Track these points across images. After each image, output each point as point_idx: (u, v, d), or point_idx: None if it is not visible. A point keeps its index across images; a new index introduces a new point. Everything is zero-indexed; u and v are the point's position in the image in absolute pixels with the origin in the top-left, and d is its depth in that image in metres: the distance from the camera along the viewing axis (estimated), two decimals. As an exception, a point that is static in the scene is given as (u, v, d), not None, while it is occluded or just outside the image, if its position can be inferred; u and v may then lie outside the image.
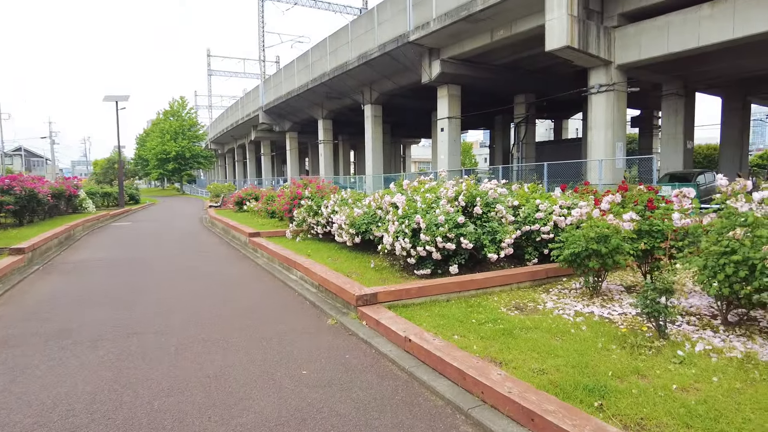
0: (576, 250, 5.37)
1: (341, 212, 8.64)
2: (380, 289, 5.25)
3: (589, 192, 9.02)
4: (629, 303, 5.32)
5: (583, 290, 5.92)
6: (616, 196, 6.01)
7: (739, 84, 26.83)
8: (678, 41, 17.35)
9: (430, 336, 4.11)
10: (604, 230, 5.21)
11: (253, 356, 4.26)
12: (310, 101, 35.13)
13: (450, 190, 7.07)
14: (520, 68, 24.98)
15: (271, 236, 11.13)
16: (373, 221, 8.03)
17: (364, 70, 26.65)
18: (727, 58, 20.39)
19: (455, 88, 24.74)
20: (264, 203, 15.66)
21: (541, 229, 6.72)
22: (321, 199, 10.38)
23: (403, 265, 7.07)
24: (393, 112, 33.64)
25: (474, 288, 5.75)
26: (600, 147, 20.09)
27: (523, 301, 5.55)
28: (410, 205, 7.06)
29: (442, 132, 25.37)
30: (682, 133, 24.38)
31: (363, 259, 7.87)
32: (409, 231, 6.50)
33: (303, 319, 5.42)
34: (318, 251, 8.81)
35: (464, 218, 6.24)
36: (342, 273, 6.65)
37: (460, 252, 6.34)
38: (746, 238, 4.10)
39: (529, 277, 6.22)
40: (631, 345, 3.99)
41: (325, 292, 6.14)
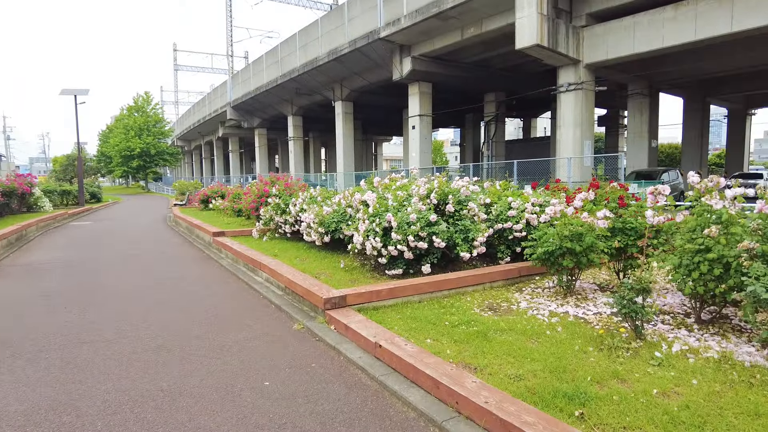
0: (550, 249, 5.25)
1: (310, 210, 8.35)
2: (349, 292, 5.00)
3: (560, 189, 8.99)
4: (603, 302, 5.23)
5: (556, 289, 5.81)
6: (589, 194, 5.93)
7: (699, 85, 27.63)
8: (643, 42, 17.66)
9: (402, 341, 3.89)
10: (578, 228, 5.10)
11: (211, 366, 3.95)
12: (279, 97, 34.52)
13: (422, 188, 6.88)
14: (491, 66, 25.08)
15: (237, 236, 10.74)
16: (343, 220, 7.77)
17: (334, 66, 26.29)
18: (688, 59, 20.90)
19: (426, 85, 24.65)
20: (230, 201, 15.19)
21: (513, 227, 6.60)
22: (289, 197, 10.05)
23: (374, 265, 6.85)
24: (364, 109, 33.37)
25: (447, 288, 5.57)
26: (569, 145, 20.32)
27: (496, 301, 5.40)
28: (381, 203, 6.83)
29: (414, 129, 25.24)
30: (647, 132, 24.93)
31: (332, 259, 7.61)
32: (380, 230, 6.27)
33: (267, 324, 5.13)
34: (285, 251, 8.50)
35: (436, 216, 6.06)
36: (310, 274, 6.38)
37: (433, 251, 6.15)
38: (721, 236, 4.04)
39: (502, 276, 6.09)
40: (608, 347, 3.87)
41: (291, 295, 5.85)
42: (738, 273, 3.93)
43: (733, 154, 34.43)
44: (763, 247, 3.81)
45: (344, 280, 6.16)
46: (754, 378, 3.31)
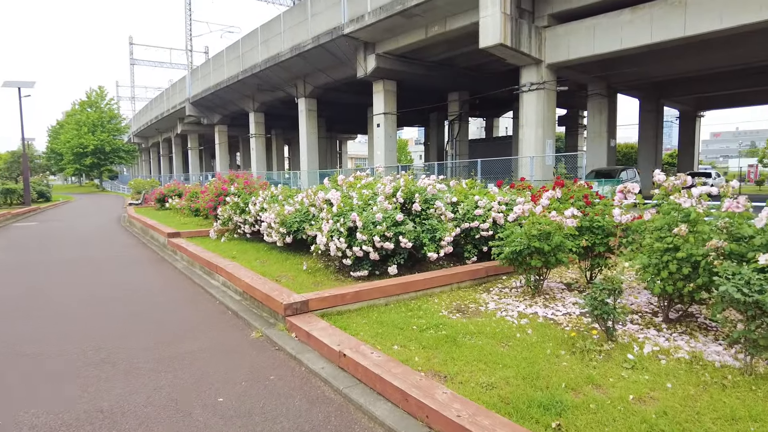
0: (518, 248, 5.12)
1: (270, 210, 8.01)
2: (312, 296, 4.73)
3: (525, 188, 8.96)
4: (572, 302, 5.16)
5: (524, 289, 5.72)
6: (555, 192, 5.85)
7: (654, 87, 28.54)
8: (603, 43, 18.02)
9: (368, 349, 3.66)
10: (546, 227, 5.00)
11: (159, 381, 3.62)
12: (240, 93, 33.66)
13: (388, 186, 6.67)
14: (455, 65, 25.14)
15: (193, 236, 10.26)
16: (305, 219, 7.47)
17: (297, 63, 25.79)
18: (645, 61, 21.49)
19: (391, 83, 24.50)
20: (187, 200, 14.59)
21: (480, 226, 6.47)
22: (249, 196, 9.65)
23: (339, 267, 6.59)
24: (328, 106, 32.94)
25: (414, 290, 5.38)
26: (531, 144, 20.56)
27: (464, 302, 5.25)
28: (346, 202, 6.58)
29: (378, 128, 25.05)
30: (606, 132, 25.55)
31: (295, 261, 7.30)
32: (345, 230, 6.02)
33: (223, 332, 4.80)
34: (245, 253, 8.12)
35: (403, 216, 5.86)
36: (270, 277, 6.07)
37: (399, 251, 5.95)
38: (690, 235, 3.99)
39: (470, 276, 5.95)
40: (580, 350, 3.75)
41: (250, 300, 5.53)
42: (706, 272, 3.89)
43: (684, 153, 35.80)
44: (731, 245, 3.78)
45: (307, 283, 5.88)
46: (726, 379, 3.25)
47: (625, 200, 4.60)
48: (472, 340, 4.02)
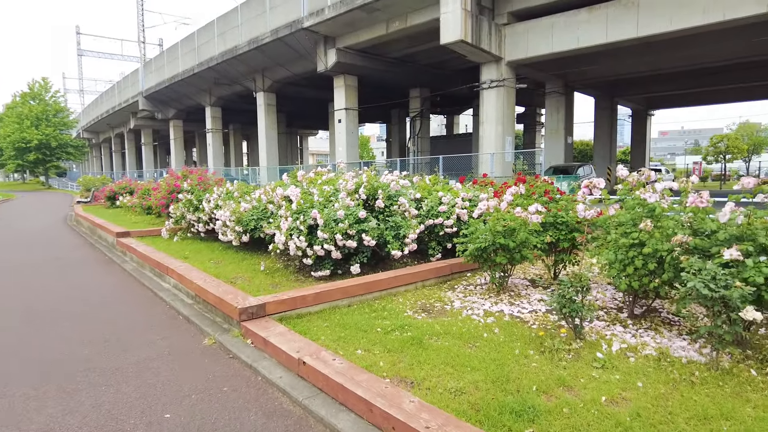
0: (482, 245, 5.01)
1: (226, 207, 7.63)
2: (269, 299, 4.46)
3: (487, 184, 8.92)
4: (537, 299, 5.09)
5: (489, 286, 5.62)
6: (519, 188, 5.77)
7: (609, 86, 29.37)
8: (561, 42, 18.33)
9: (329, 355, 3.44)
10: (511, 224, 4.90)
11: (100, 397, 3.28)
12: (196, 87, 32.57)
13: (350, 182, 6.44)
14: (416, 62, 25.07)
15: (144, 236, 9.72)
16: (263, 217, 7.15)
17: (255, 56, 25.12)
18: (601, 61, 22.02)
19: (352, 78, 24.21)
20: (139, 198, 13.90)
21: (444, 222, 6.34)
22: (203, 193, 9.21)
23: (299, 267, 6.32)
24: (288, 101, 32.30)
25: (378, 290, 5.18)
26: (491, 141, 20.74)
27: (429, 301, 5.09)
28: (306, 198, 6.31)
29: (340, 123, 24.73)
30: (564, 129, 26.09)
31: (252, 261, 6.97)
32: (305, 228, 5.76)
33: (173, 339, 4.46)
34: (198, 252, 7.72)
35: (366, 213, 5.65)
36: (224, 279, 5.74)
37: (363, 250, 5.74)
38: (656, 230, 3.95)
39: (434, 274, 5.80)
40: (549, 349, 3.65)
41: (202, 304, 5.19)
42: (672, 267, 3.87)
43: (636, 150, 37.10)
44: (695, 240, 3.76)
45: (264, 284, 5.59)
46: (694, 376, 3.21)
47: (591, 195, 4.54)
48: (439, 342, 3.86)
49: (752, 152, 46.38)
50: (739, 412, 2.74)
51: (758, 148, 47.48)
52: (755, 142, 46.64)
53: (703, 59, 22.45)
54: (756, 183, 3.66)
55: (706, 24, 15.34)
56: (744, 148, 43.04)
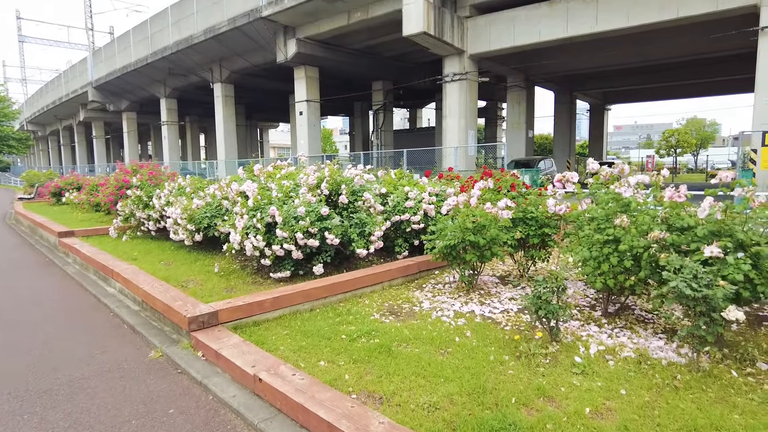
0: (451, 243, 4.76)
1: (177, 204, 7.12)
2: (223, 306, 4.07)
3: (453, 178, 8.72)
4: (508, 297, 4.90)
5: (458, 285, 5.39)
6: (488, 182, 5.56)
7: (568, 80, 29.87)
8: (522, 35, 18.39)
9: (289, 369, 3.11)
10: (481, 220, 4.67)
11: (20, 426, 2.84)
12: (150, 78, 31.15)
13: (311, 177, 6.07)
14: (378, 54, 24.72)
15: (90, 235, 9.04)
16: (217, 214, 6.71)
17: (212, 46, 24.16)
18: (560, 55, 22.27)
19: (313, 70, 23.64)
20: (87, 194, 13.04)
21: (411, 218, 6.07)
22: (153, 188, 8.63)
23: (257, 268, 5.93)
24: (248, 92, 31.35)
25: (342, 291, 4.86)
26: (454, 134, 20.68)
27: (396, 302, 4.82)
28: (263, 194, 5.91)
29: (301, 116, 24.14)
30: (525, 123, 26.33)
31: (205, 262, 6.51)
32: (263, 226, 5.37)
33: (116, 353, 4.02)
34: (148, 253, 7.18)
35: (329, 209, 5.31)
36: (174, 283, 5.29)
37: (326, 249, 5.40)
38: (632, 226, 3.80)
39: (402, 273, 5.53)
40: (525, 354, 3.44)
41: (150, 311, 4.74)
42: (649, 264, 3.73)
43: (594, 144, 38.00)
44: (672, 236, 3.62)
45: (218, 288, 5.17)
46: (677, 380, 3.05)
47: (563, 190, 4.36)
48: (409, 349, 3.59)
49: (699, 146, 48.40)
50: (728, 419, 2.59)
51: (705, 143, 49.59)
52: (702, 137, 48.68)
53: (657, 56, 23.05)
54: (733, 177, 3.55)
55: (662, 21, 15.68)
56: (693, 143, 44.81)
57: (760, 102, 14.80)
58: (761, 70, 14.56)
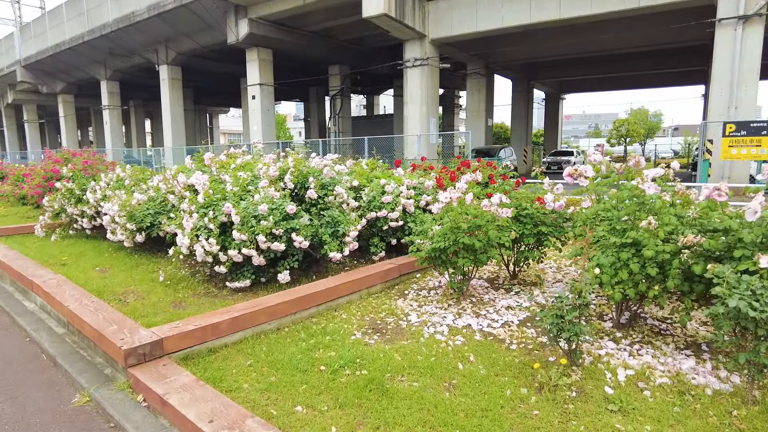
0: (442, 245, 4.12)
1: (115, 199, 6.13)
2: (169, 331, 3.25)
3: (425, 168, 8.11)
4: (504, 306, 4.32)
5: (445, 291, 4.78)
6: (476, 175, 4.93)
7: (527, 69, 29.82)
8: (485, 20, 17.97)
9: (258, 425, 2.37)
10: (476, 219, 4.05)
11: None
12: (88, 58, 28.76)
13: (272, 168, 5.27)
14: (335, 37, 23.69)
15: (12, 234, 7.83)
16: (162, 211, 5.79)
17: (157, 24, 22.42)
18: (521, 42, 21.97)
19: (266, 52, 22.38)
20: (11, 185, 11.58)
21: (389, 215, 5.39)
22: (88, 180, 7.53)
23: (210, 274, 5.09)
24: (196, 75, 29.55)
25: (315, 304, 4.14)
26: (416, 122, 20.11)
27: (379, 314, 4.15)
28: (216, 188, 5.07)
29: (254, 100, 22.88)
30: (485, 111, 26.07)
31: (149, 267, 5.59)
32: (216, 227, 4.55)
33: (26, 398, 3.14)
34: (81, 257, 6.16)
35: (295, 206, 4.54)
36: (110, 296, 4.39)
37: (293, 252, 4.64)
38: (660, 229, 3.26)
39: (381, 279, 4.85)
40: (546, 386, 2.84)
41: (78, 335, 3.84)
42: (680, 274, 3.21)
43: (549, 134, 38.45)
44: (710, 242, 3.11)
45: (164, 302, 4.32)
46: (734, 417, 2.54)
47: (578, 183, 3.78)
48: (405, 383, 2.93)
49: (646, 136, 50.08)
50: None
51: (651, 133, 51.36)
52: (649, 127, 50.36)
53: (615, 46, 23.19)
54: None
55: (624, 9, 15.58)
56: (641, 132, 46.23)
57: (716, 93, 14.95)
58: (717, 62, 14.67)
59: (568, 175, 3.71)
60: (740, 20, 14.28)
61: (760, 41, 14.19)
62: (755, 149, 12.34)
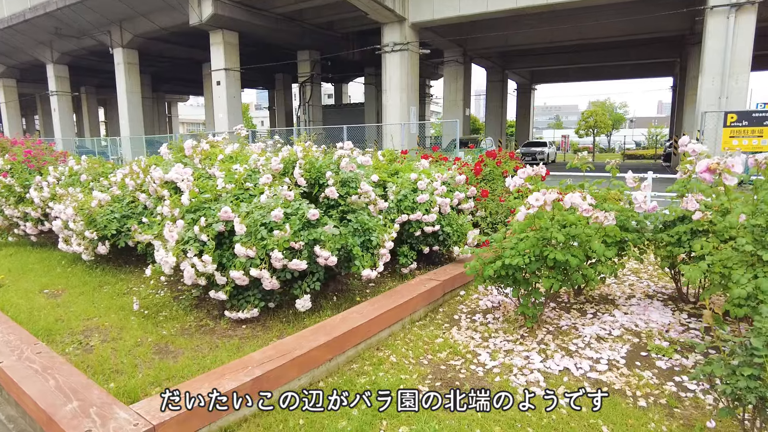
0: (520, 262, 3.11)
1: (69, 199, 4.82)
2: (164, 411, 2.12)
3: (437, 160, 7.09)
4: (593, 337, 3.36)
5: (505, 314, 3.79)
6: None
7: (502, 57, 29.20)
8: (468, 4, 17.18)
9: None
10: (572, 229, 3.06)
11: None
12: (32, 38, 26.18)
13: (275, 160, 4.12)
14: (305, 21, 22.24)
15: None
16: (132, 214, 4.55)
17: (110, 3, 20.46)
18: (503, 27, 21.20)
19: (232, 35, 20.77)
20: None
21: (423, 218, 4.34)
22: (32, 174, 6.12)
23: (199, 298, 3.91)
24: (154, 60, 27.45)
25: (353, 344, 3.06)
26: (396, 110, 19.10)
27: (438, 355, 3.12)
28: (204, 185, 3.89)
29: (219, 86, 21.25)
30: (462, 101, 25.27)
31: (116, 288, 4.32)
32: (211, 238, 3.39)
33: None
34: (24, 272, 4.81)
35: (317, 210, 3.42)
36: (67, 335, 3.17)
37: (312, 269, 3.53)
38: None
39: (424, 301, 3.81)
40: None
41: (14, 406, 2.62)
42: None
43: (521, 124, 38.13)
44: None
45: (145, 347, 3.11)
46: None
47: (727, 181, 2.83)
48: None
49: (613, 127, 50.72)
50: None
51: (617, 124, 52.08)
52: (615, 118, 51.00)
53: (594, 35, 22.70)
54: None
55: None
56: (609, 123, 46.68)
57: (707, 83, 14.56)
58: (709, 51, 14.26)
59: (707, 170, 2.75)
60: (733, 8, 13.88)
61: (752, 30, 13.84)
62: (756, 140, 11.94)
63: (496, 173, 6.10)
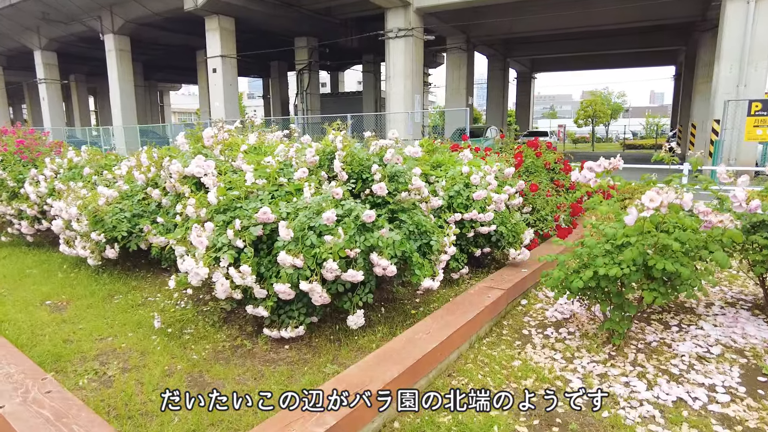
0: (617, 273, 2.62)
1: (71, 195, 4.26)
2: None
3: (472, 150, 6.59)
4: (692, 356, 2.90)
5: (580, 328, 3.32)
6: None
7: (504, 45, 28.57)
8: (478, -15, 16.49)
9: None
10: (685, 235, 2.57)
11: None
12: (18, 24, 25.18)
13: (309, 152, 3.60)
14: (303, 6, 21.46)
15: None
16: (144, 213, 4.01)
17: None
18: (508, 13, 20.58)
19: (228, 20, 20.02)
20: None
21: (479, 217, 3.83)
22: (26, 167, 5.53)
23: (229, 311, 3.39)
24: (145, 47, 26.55)
25: (426, 372, 2.57)
26: (400, 98, 18.52)
27: (523, 383, 2.64)
28: (231, 181, 3.36)
29: (215, 73, 20.53)
30: (465, 89, 24.67)
31: (129, 299, 3.78)
32: (249, 243, 2.87)
33: None
34: (22, 279, 4.26)
35: (373, 212, 2.90)
36: (77, 359, 2.64)
37: (367, 281, 3.02)
38: None
39: (491, 314, 3.31)
40: None
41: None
42: None
43: (521, 113, 37.59)
44: None
45: (175, 378, 2.58)
46: None
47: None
48: None
49: (611, 117, 50.37)
50: None
51: (615, 114, 51.70)
52: (613, 108, 50.60)
53: (596, 21, 22.18)
54: None
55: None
56: (608, 113, 46.27)
57: (724, 70, 14.11)
58: (726, 38, 13.80)
59: None
60: (753, -8, 13.42)
61: (773, 15, 13.39)
62: (781, 130, 11.51)
63: (537, 165, 5.62)
